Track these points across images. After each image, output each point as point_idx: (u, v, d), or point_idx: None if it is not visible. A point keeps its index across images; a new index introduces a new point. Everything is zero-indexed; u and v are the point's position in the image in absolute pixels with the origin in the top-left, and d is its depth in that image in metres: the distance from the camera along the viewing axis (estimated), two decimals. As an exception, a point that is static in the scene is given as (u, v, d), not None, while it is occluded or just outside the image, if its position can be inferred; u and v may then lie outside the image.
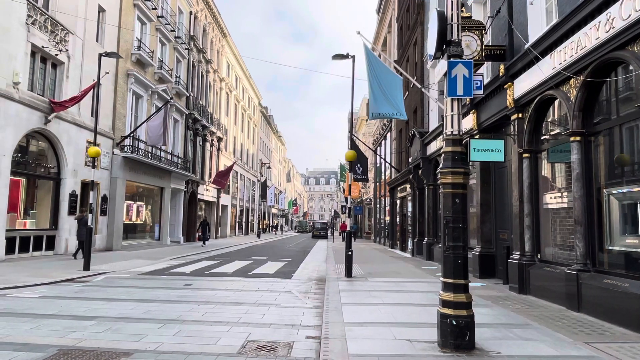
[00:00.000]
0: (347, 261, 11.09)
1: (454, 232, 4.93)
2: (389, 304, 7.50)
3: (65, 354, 4.54)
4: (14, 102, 13.33)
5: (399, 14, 26.33)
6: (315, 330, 5.90)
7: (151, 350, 4.82)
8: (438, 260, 15.09)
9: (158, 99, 23.59)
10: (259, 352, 4.88)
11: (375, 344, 5.03)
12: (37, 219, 15.32)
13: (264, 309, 7.29)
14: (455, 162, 4.99)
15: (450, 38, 5.19)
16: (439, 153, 15.20)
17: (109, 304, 7.36)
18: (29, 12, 14.07)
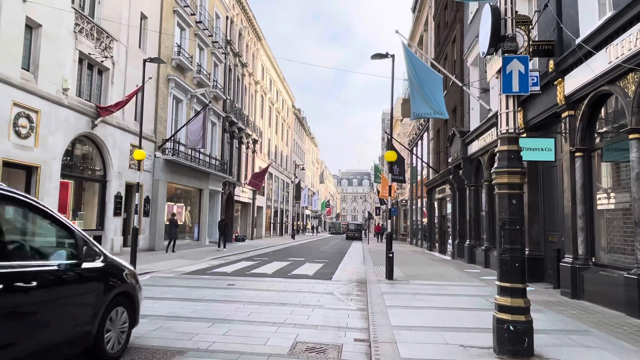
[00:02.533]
0: (388, 263, 10.94)
1: (510, 234, 4.74)
2: (436, 308, 7.33)
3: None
4: (64, 107, 13.90)
5: (435, 12, 25.90)
6: (362, 333, 5.82)
7: (203, 349, 4.87)
8: (480, 264, 14.70)
9: (197, 103, 24.11)
10: (309, 353, 4.85)
11: (427, 349, 4.90)
12: (84, 220, 15.91)
13: (308, 310, 7.26)
14: (512, 161, 4.81)
15: (504, 33, 5.01)
16: (481, 153, 14.84)
17: (158, 302, 7.52)
18: (77, 20, 14.65)
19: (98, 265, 4.35)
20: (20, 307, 3.31)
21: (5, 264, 3.24)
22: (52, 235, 4.25)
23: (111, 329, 4.36)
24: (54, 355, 3.69)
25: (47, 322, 3.61)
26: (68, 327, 3.85)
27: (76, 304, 3.99)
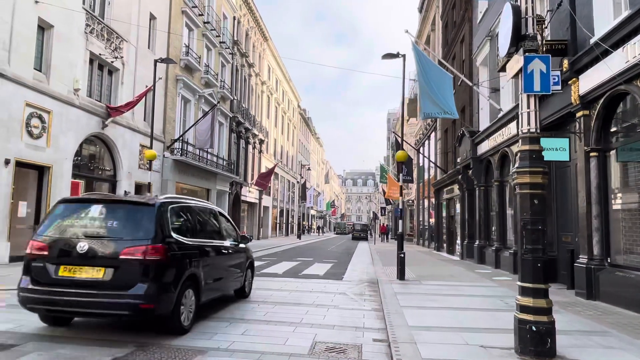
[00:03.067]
0: (399, 264, 10.91)
1: (532, 234, 4.72)
2: (451, 308, 7.30)
3: (143, 351, 4.66)
4: (75, 107, 13.97)
5: (443, 12, 25.83)
6: (380, 333, 5.81)
7: (224, 348, 4.88)
8: (491, 264, 14.63)
9: (205, 103, 24.17)
10: (329, 353, 4.84)
11: (448, 350, 4.88)
12: (95, 220, 15.97)
13: (324, 310, 7.26)
14: (534, 161, 4.78)
15: (525, 32, 4.99)
16: (492, 153, 14.78)
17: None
18: (88, 21, 14.72)
19: (242, 246, 8.09)
20: (223, 261, 6.98)
21: (219, 242, 6.94)
22: (229, 229, 7.79)
23: (246, 280, 8.15)
24: (233, 286, 7.59)
25: (230, 270, 7.29)
26: (236, 274, 7.61)
27: (238, 264, 7.68)
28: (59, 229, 5.23)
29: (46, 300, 4.91)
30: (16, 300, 5.20)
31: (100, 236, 5.10)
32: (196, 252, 5.91)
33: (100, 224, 5.21)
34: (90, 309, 4.89)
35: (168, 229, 5.37)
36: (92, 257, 4.94)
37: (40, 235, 5.23)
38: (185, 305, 5.46)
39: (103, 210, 5.30)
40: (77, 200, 5.73)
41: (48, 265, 5.03)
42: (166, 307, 5.07)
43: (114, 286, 4.86)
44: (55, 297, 4.86)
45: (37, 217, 12.81)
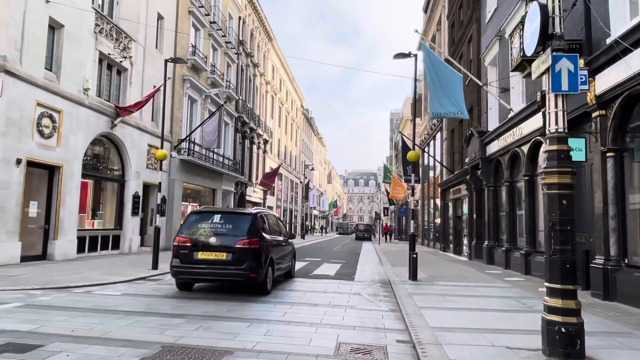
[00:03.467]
0: (412, 264, 10.88)
1: (561, 235, 4.69)
2: (470, 309, 7.27)
3: (169, 351, 4.63)
4: (84, 107, 13.96)
5: (449, 11, 25.79)
6: (402, 334, 5.77)
7: (249, 349, 4.85)
8: (500, 265, 14.58)
9: (211, 103, 24.16)
10: (355, 354, 4.82)
11: (475, 351, 4.85)
12: (103, 220, 15.98)
13: (341, 310, 7.23)
14: (562, 161, 4.74)
15: (552, 31, 4.95)
16: (502, 153, 14.73)
17: (190, 302, 7.52)
18: (97, 21, 14.71)
19: (290, 241, 10.93)
20: (282, 250, 9.78)
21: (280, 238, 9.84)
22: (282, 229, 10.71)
23: (292, 265, 11.14)
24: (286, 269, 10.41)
25: (285, 257, 10.11)
26: (287, 261, 10.36)
27: (288, 252, 10.55)
28: (193, 229, 8.27)
29: (190, 272, 8.09)
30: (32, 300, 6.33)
31: (223, 234, 8.16)
32: (272, 244, 8.90)
33: (221, 227, 8.27)
34: (218, 277, 8.18)
35: (257, 229, 8.33)
36: (219, 246, 8.01)
37: (182, 233, 8.33)
38: (268, 276, 8.53)
39: (221, 218, 8.46)
40: (202, 211, 9.00)
41: (191, 252, 8.04)
42: (261, 276, 8.14)
43: (233, 263, 7.93)
44: (196, 270, 8.02)
45: (47, 217, 12.81)
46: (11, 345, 4.63)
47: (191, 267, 8.01)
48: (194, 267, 7.99)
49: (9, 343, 4.72)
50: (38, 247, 12.57)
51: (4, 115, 10.89)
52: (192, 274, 8.11)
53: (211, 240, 8.06)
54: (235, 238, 8.05)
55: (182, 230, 8.36)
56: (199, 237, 8.12)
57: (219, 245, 8.01)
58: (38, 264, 11.73)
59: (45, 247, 12.74)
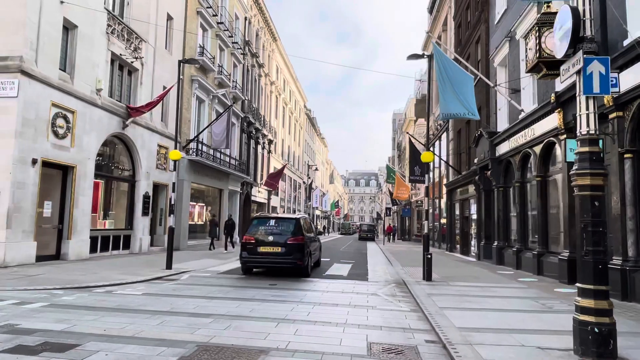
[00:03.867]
0: (426, 265, 10.92)
1: (593, 236, 4.73)
2: (491, 310, 7.31)
3: (206, 350, 4.68)
4: (97, 107, 14.02)
5: (456, 12, 25.82)
6: (429, 335, 5.81)
7: (283, 348, 4.90)
8: (510, 265, 14.61)
9: (218, 104, 24.22)
10: (388, 354, 4.86)
11: (507, 351, 4.89)
12: (114, 220, 16.02)
13: (363, 310, 7.27)
14: (594, 162, 4.78)
15: (583, 34, 5.00)
16: (512, 154, 14.77)
17: (212, 301, 7.56)
18: (109, 21, 14.76)
19: (317, 237, 14.44)
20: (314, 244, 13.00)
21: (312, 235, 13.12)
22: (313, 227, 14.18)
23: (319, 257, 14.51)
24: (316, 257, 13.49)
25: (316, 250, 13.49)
26: (317, 252, 13.90)
27: (317, 247, 14.00)
28: (255, 230, 11.32)
29: (254, 261, 11.16)
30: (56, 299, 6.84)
31: (276, 233, 11.17)
32: (309, 240, 11.97)
33: (275, 228, 11.34)
34: (275, 264, 11.13)
35: (301, 229, 11.39)
36: (274, 242, 10.98)
37: (248, 233, 11.27)
38: (308, 263, 11.49)
39: (274, 222, 11.66)
40: (261, 217, 12.47)
41: (254, 246, 11.00)
42: (304, 263, 11.09)
43: (285, 254, 10.85)
44: (258, 259, 11.09)
45: (60, 217, 12.86)
46: (48, 345, 4.67)
47: (255, 257, 11.07)
48: (257, 257, 11.06)
49: (46, 342, 4.76)
50: (52, 247, 12.62)
51: (20, 116, 10.94)
52: (255, 262, 11.26)
53: (269, 238, 11.08)
54: (285, 236, 11.05)
55: (248, 231, 11.41)
56: (260, 236, 11.13)
57: (274, 241, 11.00)
58: (53, 263, 11.78)
59: (58, 246, 12.79)
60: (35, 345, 4.63)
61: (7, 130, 10.80)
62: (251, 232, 11.28)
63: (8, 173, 10.72)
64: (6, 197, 10.66)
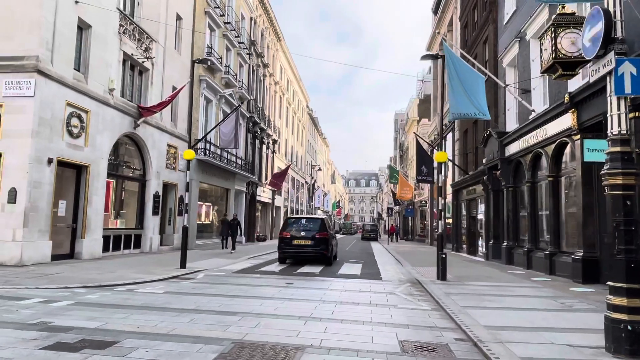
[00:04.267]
0: (441, 264, 10.98)
1: (626, 235, 4.77)
2: (512, 309, 7.36)
3: (242, 348, 4.73)
4: (110, 107, 14.06)
5: (462, 13, 25.88)
6: (456, 333, 5.86)
7: (317, 345, 4.95)
8: (520, 265, 14.67)
9: (225, 104, 24.27)
10: (422, 351, 4.91)
11: (539, 349, 4.94)
12: (125, 219, 16.07)
13: (385, 309, 7.32)
14: (626, 162, 4.83)
15: (614, 35, 5.05)
16: (523, 154, 14.82)
17: (234, 300, 7.62)
18: (121, 21, 14.81)
19: (334, 235, 17.04)
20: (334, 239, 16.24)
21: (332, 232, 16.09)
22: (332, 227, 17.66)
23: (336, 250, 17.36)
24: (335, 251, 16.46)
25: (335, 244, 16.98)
26: (336, 247, 17.18)
27: (335, 242, 17.06)
28: (290, 228, 14.49)
29: (290, 252, 14.24)
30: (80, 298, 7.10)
31: (307, 230, 14.27)
32: (331, 236, 14.83)
33: (305, 226, 14.46)
34: (306, 254, 14.15)
35: (326, 226, 14.44)
36: (305, 237, 14.04)
37: (284, 230, 14.53)
38: (331, 253, 14.50)
39: (305, 220, 14.96)
40: (294, 217, 15.58)
41: (290, 240, 14.12)
42: (329, 253, 14.18)
43: (314, 246, 13.90)
44: (293, 250, 14.22)
45: (74, 216, 12.91)
46: (87, 342, 4.72)
47: (290, 249, 14.28)
48: (292, 249, 14.26)
49: (84, 339, 4.81)
50: (66, 246, 12.67)
51: (36, 115, 10.99)
52: (290, 252, 14.40)
53: (301, 233, 14.34)
54: (313, 232, 14.25)
55: (284, 228, 14.78)
56: (293, 232, 14.42)
57: (305, 236, 14.22)
58: (68, 262, 11.83)
59: (72, 245, 12.84)
60: (74, 343, 4.68)
61: (24, 130, 10.85)
62: (287, 229, 14.57)
63: (25, 172, 10.77)
64: (23, 197, 10.71)
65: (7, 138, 10.87)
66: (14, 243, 10.60)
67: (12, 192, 10.72)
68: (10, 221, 10.67)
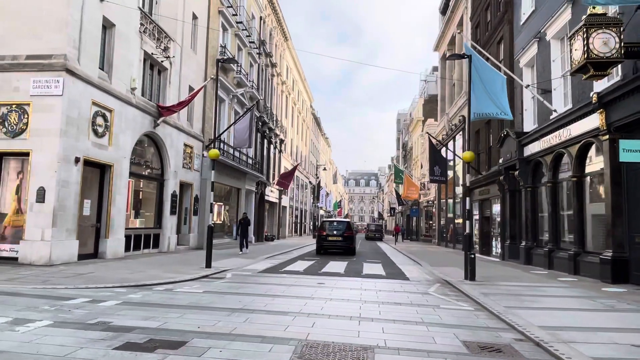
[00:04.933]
0: (469, 265, 10.98)
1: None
2: (556, 309, 7.37)
3: (311, 347, 4.72)
4: (132, 106, 14.03)
5: (473, 13, 25.89)
6: (511, 333, 5.84)
7: (383, 346, 4.93)
8: (541, 265, 14.67)
9: (237, 103, 24.24)
10: (489, 352, 4.90)
11: (605, 349, 4.94)
12: (144, 218, 16.03)
13: (429, 309, 7.31)
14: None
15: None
16: (543, 154, 14.83)
17: (277, 299, 7.62)
18: (142, 20, 14.77)
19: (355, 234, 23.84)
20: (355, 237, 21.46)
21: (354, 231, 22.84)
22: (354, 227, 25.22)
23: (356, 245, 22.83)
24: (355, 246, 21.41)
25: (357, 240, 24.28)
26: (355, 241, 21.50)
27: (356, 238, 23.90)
28: (325, 227, 20.30)
29: (325, 245, 19.60)
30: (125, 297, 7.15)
31: (338, 229, 20.07)
32: (354, 233, 20.60)
33: (336, 226, 20.46)
34: (337, 248, 19.65)
35: (351, 227, 20.77)
36: (337, 234, 19.72)
37: (321, 229, 20.36)
38: (354, 247, 20.47)
39: (336, 222, 21.07)
40: (328, 220, 21.95)
41: (325, 237, 19.63)
42: (354, 246, 20.20)
43: (343, 241, 19.57)
44: (328, 244, 19.61)
45: (98, 216, 12.87)
46: (156, 342, 4.70)
47: (326, 242, 19.47)
48: (327, 242, 19.48)
49: (151, 339, 4.79)
50: (90, 245, 12.63)
51: (65, 114, 10.95)
52: (326, 245, 19.48)
53: (333, 232, 19.71)
54: (342, 230, 19.73)
55: (321, 227, 20.45)
56: (328, 230, 19.82)
57: (336, 234, 19.59)
58: (94, 262, 11.79)
59: (96, 245, 12.80)
60: (143, 343, 4.66)
61: (52, 129, 10.82)
62: (323, 228, 20.23)
63: (53, 171, 10.73)
64: (52, 196, 10.68)
65: (36, 137, 10.84)
66: (43, 242, 10.56)
67: (40, 191, 10.68)
68: (39, 220, 10.63)
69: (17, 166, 11.38)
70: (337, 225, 20.25)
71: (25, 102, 10.96)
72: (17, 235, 11.00)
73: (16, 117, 10.96)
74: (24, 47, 11.17)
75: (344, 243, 19.33)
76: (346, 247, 19.38)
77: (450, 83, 32.43)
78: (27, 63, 11.04)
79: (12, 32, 11.23)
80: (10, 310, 5.97)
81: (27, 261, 10.52)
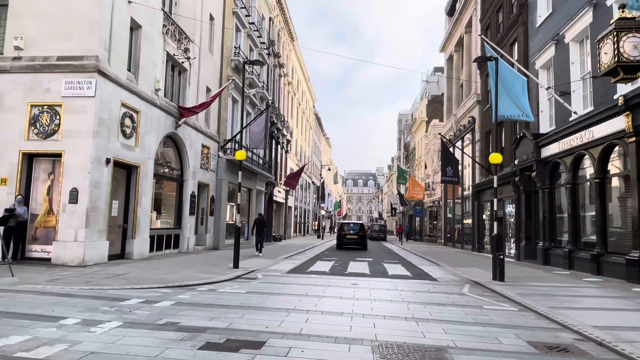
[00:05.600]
0: (498, 265, 11.08)
1: None
2: (599, 309, 7.50)
3: (388, 348, 4.81)
4: (156, 107, 14.08)
5: (483, 15, 26.05)
6: (567, 333, 5.95)
7: (454, 347, 5.02)
8: (560, 266, 14.81)
9: (249, 104, 24.28)
10: (557, 352, 5.01)
11: (669, 348, 5.05)
12: (165, 219, 16.07)
13: (476, 310, 7.40)
14: None
15: None
16: (562, 155, 14.97)
17: (323, 300, 7.70)
18: (164, 21, 14.81)
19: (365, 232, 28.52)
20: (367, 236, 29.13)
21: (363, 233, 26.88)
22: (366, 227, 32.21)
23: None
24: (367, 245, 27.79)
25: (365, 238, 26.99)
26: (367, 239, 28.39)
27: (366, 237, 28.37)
28: (343, 227, 26.60)
29: (344, 242, 25.72)
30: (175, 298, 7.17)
31: (354, 230, 26.30)
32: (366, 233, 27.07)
33: (352, 227, 26.66)
34: (353, 245, 25.62)
35: (364, 228, 28.04)
36: (353, 233, 25.94)
37: (341, 230, 26.54)
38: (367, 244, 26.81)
39: (352, 224, 27.35)
40: (346, 222, 28.15)
41: (344, 235, 25.89)
42: (366, 244, 26.40)
43: (358, 240, 25.72)
44: (346, 241, 25.68)
45: (125, 216, 12.90)
46: (236, 342, 4.78)
47: (345, 240, 25.54)
48: (345, 240, 25.54)
49: (228, 339, 4.87)
50: (117, 246, 12.67)
51: (97, 116, 10.99)
52: (345, 242, 25.46)
53: (350, 231, 25.82)
54: (357, 230, 25.99)
55: (341, 228, 26.38)
56: (346, 230, 25.91)
57: (353, 233, 25.74)
58: (122, 262, 11.84)
59: (123, 245, 12.84)
60: (223, 343, 4.74)
61: (84, 130, 10.86)
62: (342, 229, 26.10)
63: (86, 172, 10.78)
64: (85, 197, 10.72)
65: (68, 138, 10.87)
66: (76, 243, 10.61)
67: (73, 192, 10.72)
68: (72, 221, 10.67)
69: (47, 167, 11.42)
70: (353, 226, 26.70)
71: (57, 103, 11.00)
72: (48, 236, 11.04)
73: (48, 118, 10.99)
74: (54, 48, 11.20)
75: (358, 240, 25.47)
76: (360, 243, 25.43)
77: (458, 83, 32.58)
78: (59, 64, 11.08)
79: (43, 33, 11.27)
80: (72, 311, 6.03)
81: (61, 262, 10.56)
